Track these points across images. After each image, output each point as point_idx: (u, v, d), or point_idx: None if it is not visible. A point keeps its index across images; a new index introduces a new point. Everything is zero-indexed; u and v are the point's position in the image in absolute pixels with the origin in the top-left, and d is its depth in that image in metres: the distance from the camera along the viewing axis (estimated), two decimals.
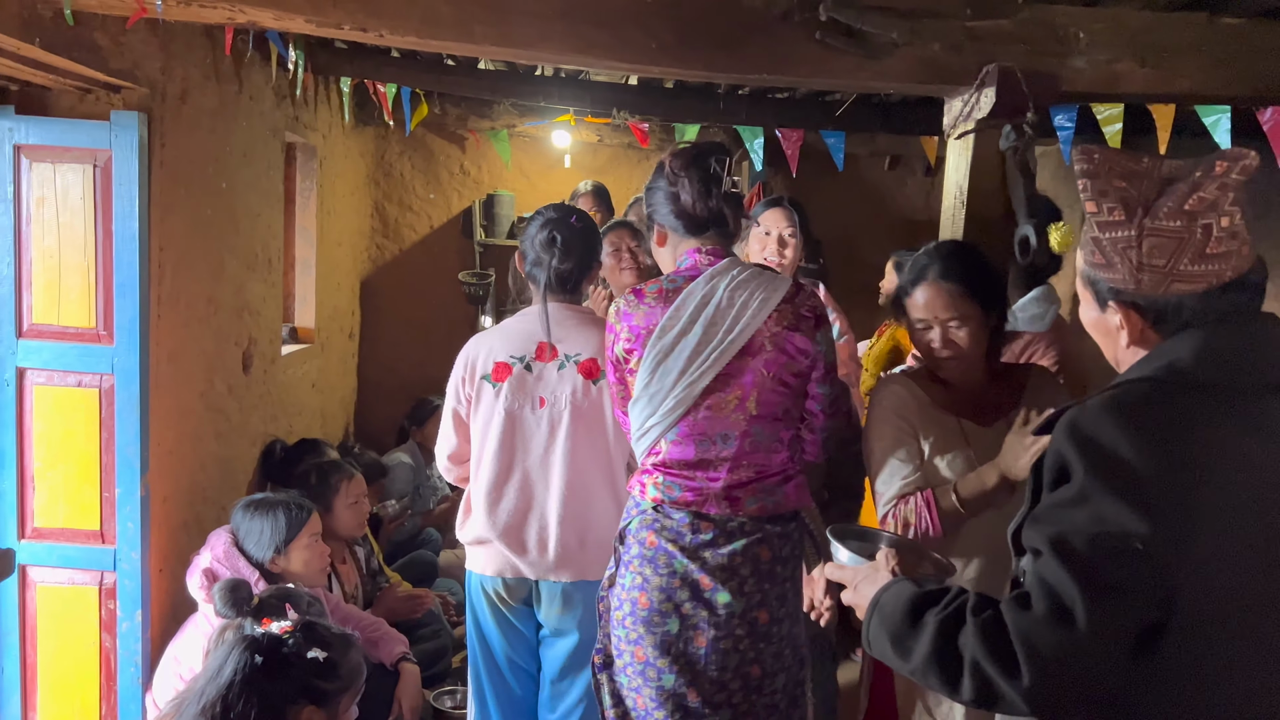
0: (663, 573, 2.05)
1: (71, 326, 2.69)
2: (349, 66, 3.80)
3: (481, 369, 2.47)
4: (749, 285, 2.01)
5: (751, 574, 2.03)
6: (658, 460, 2.09)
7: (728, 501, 2.04)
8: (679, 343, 2.02)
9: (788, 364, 2.02)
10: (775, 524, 2.07)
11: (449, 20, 2.10)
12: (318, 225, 4.48)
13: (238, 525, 2.83)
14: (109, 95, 2.67)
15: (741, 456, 2.04)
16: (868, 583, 1.41)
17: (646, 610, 2.06)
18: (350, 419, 5.38)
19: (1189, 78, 2.20)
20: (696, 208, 2.05)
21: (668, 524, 2.06)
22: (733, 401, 2.02)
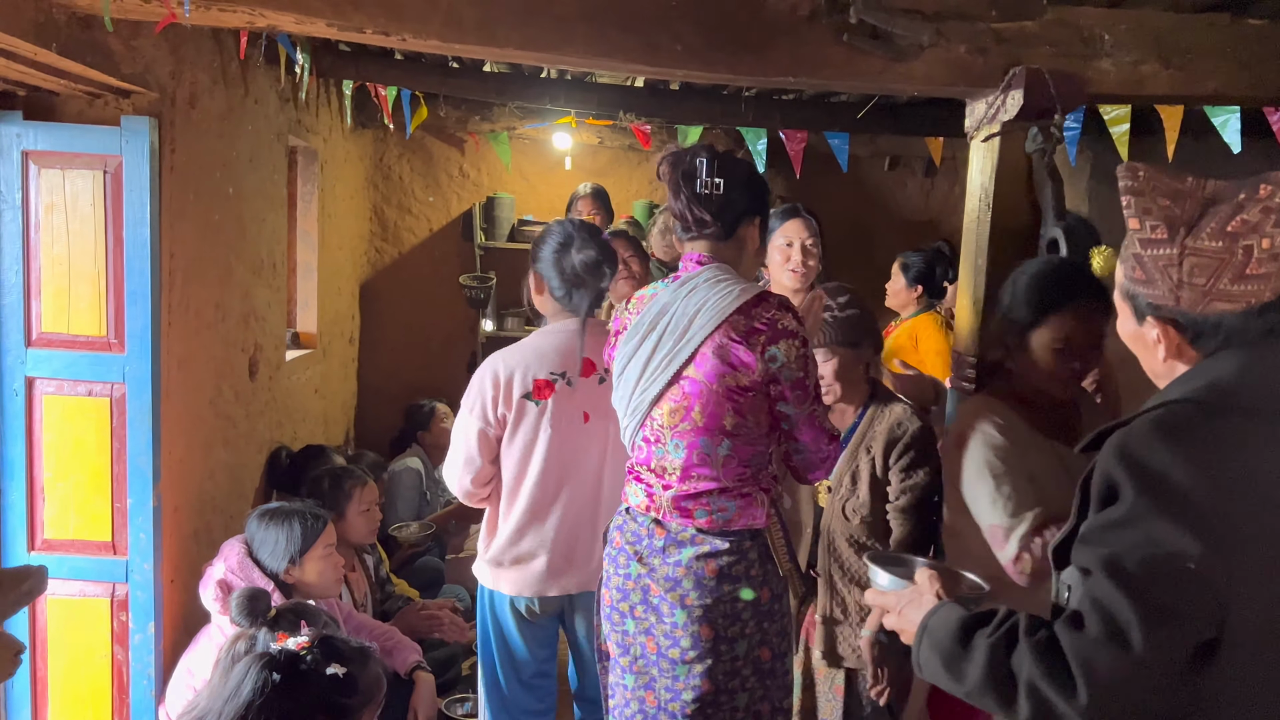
0: (621, 573, 2.09)
1: (82, 335, 2.65)
2: (353, 69, 3.78)
3: (520, 388, 2.41)
4: (703, 293, 1.96)
5: (694, 587, 1.98)
6: (632, 462, 2.12)
7: (678, 511, 2.02)
8: (639, 349, 2.03)
9: (731, 376, 1.93)
10: (724, 539, 1.99)
11: (472, 23, 2.07)
12: (319, 229, 4.44)
13: (252, 535, 2.79)
14: (118, 100, 2.63)
15: (691, 467, 1.99)
16: (912, 607, 1.41)
17: (609, 607, 2.12)
18: (351, 424, 5.34)
19: (1214, 79, 2.20)
20: (676, 209, 2.04)
21: (631, 527, 2.09)
22: (681, 411, 1.98)
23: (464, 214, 5.54)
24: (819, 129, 3.90)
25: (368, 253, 5.50)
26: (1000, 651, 1.21)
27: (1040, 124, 2.14)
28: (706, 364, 1.94)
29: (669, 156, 2.06)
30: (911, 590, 1.45)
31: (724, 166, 2.00)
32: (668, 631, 2.00)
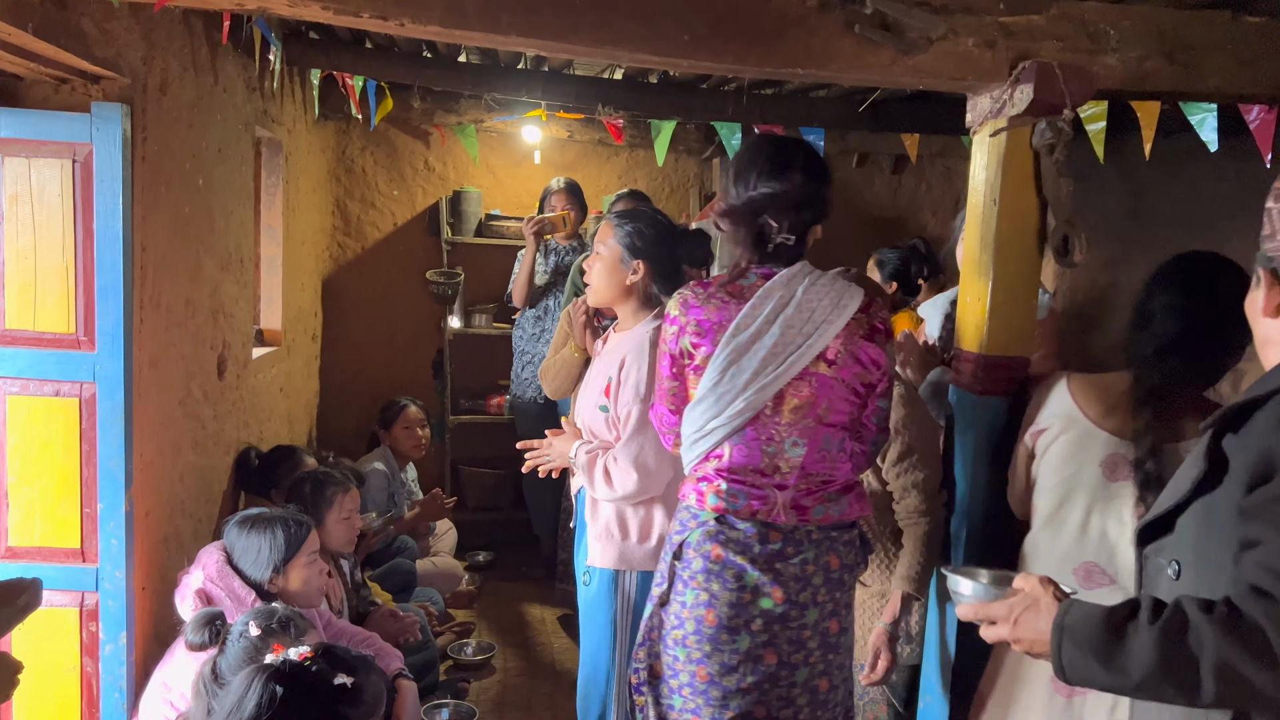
0: (732, 587, 1.98)
1: (49, 332, 2.52)
2: (323, 59, 3.67)
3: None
4: (827, 291, 1.97)
5: (824, 583, 2.01)
6: (720, 465, 2.01)
7: (795, 510, 1.98)
8: (755, 343, 1.95)
9: (861, 374, 2.00)
10: (839, 532, 2.04)
11: (474, 9, 2.00)
12: (283, 223, 4.31)
13: (232, 543, 2.68)
14: (87, 86, 2.50)
15: (810, 464, 1.99)
16: (1031, 613, 1.35)
17: (714, 628, 1.98)
18: (314, 423, 5.20)
19: (1217, 76, 2.21)
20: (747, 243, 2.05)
21: (734, 535, 1.98)
22: (805, 408, 1.96)
23: (430, 208, 5.43)
24: (798, 125, 3.87)
25: (330, 247, 5.36)
26: (1173, 636, 1.17)
27: (1049, 119, 2.13)
28: (839, 361, 1.97)
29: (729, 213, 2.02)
30: (1024, 597, 1.38)
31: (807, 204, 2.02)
32: (793, 636, 1.99)
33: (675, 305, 2.06)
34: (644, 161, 5.59)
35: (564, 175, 5.44)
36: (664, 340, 2.10)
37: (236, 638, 2.33)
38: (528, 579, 4.98)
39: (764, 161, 1.99)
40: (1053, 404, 2.07)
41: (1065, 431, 2.02)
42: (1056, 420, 2.03)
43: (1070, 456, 2.00)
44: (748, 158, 2.03)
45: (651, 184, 5.64)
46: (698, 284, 2.06)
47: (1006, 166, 2.22)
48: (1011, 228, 2.24)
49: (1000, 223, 2.23)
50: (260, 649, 2.32)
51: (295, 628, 2.41)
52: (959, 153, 5.36)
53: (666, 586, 2.06)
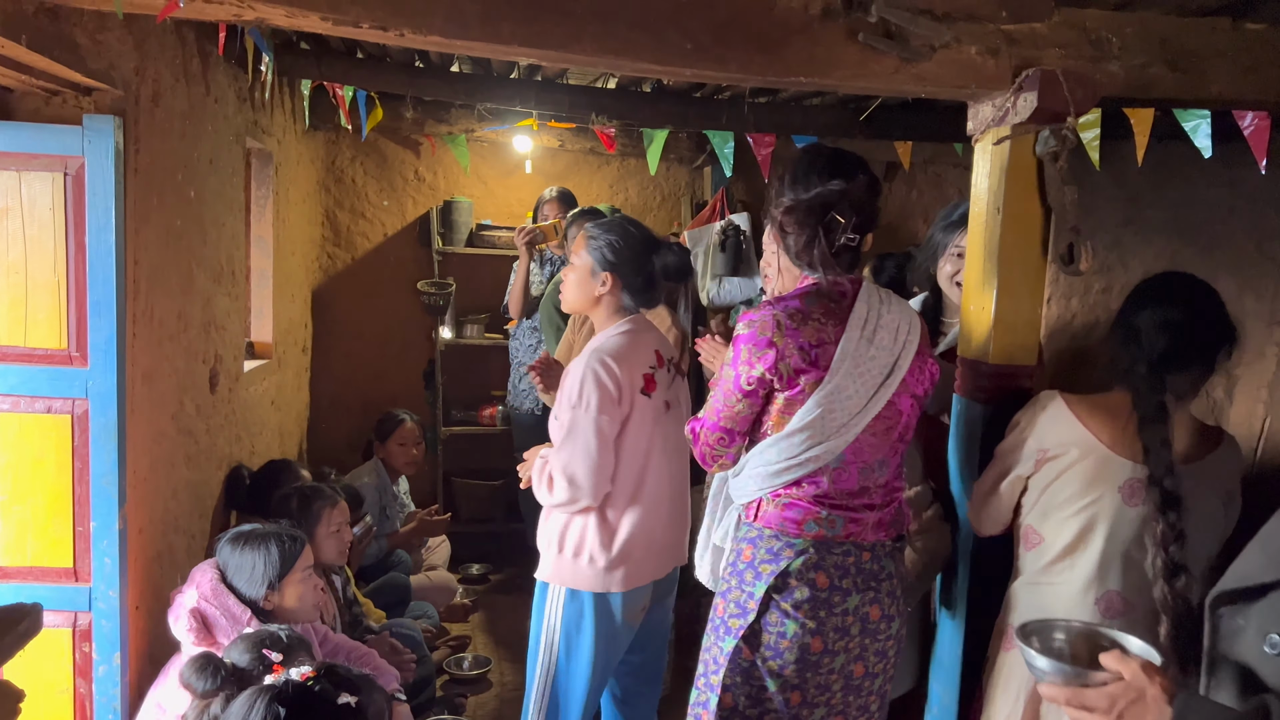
0: (837, 612, 1.97)
1: (40, 348, 2.48)
2: (315, 69, 3.64)
3: (634, 383, 2.52)
4: (898, 310, 2.01)
5: (902, 592, 2.08)
6: (819, 492, 1.96)
7: (881, 528, 2.01)
8: (859, 368, 1.92)
9: (928, 390, 2.07)
10: (900, 542, 2.11)
11: (476, 19, 1.98)
12: (273, 234, 4.27)
13: (225, 561, 2.64)
14: (78, 98, 2.47)
15: (891, 481, 2.04)
16: (1139, 708, 1.23)
17: (819, 654, 1.97)
18: (304, 436, 5.15)
19: (1219, 83, 2.21)
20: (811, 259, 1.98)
21: (833, 560, 1.98)
22: (893, 426, 1.98)
23: (420, 218, 5.40)
24: (792, 133, 3.87)
25: (320, 258, 5.32)
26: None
27: (1053, 126, 2.12)
28: (915, 377, 2.00)
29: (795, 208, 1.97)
30: (1125, 688, 1.26)
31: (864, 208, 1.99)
32: (880, 648, 2.04)
33: (766, 327, 1.95)
34: (635, 170, 5.57)
35: (555, 184, 5.43)
36: (740, 361, 1.98)
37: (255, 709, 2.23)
38: (523, 591, 4.93)
39: (825, 163, 1.99)
40: (1057, 428, 2.02)
41: (1083, 459, 1.96)
42: (1071, 447, 1.98)
43: (1090, 484, 1.95)
44: (806, 161, 2.02)
45: (643, 193, 5.62)
46: (779, 301, 1.98)
47: (1010, 174, 2.21)
48: (1015, 236, 2.23)
49: (1004, 231, 2.22)
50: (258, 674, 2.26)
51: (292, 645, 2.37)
52: (949, 159, 5.37)
53: (755, 619, 1.98)
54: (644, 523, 2.53)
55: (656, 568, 2.62)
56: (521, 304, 4.50)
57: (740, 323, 2.00)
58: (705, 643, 2.12)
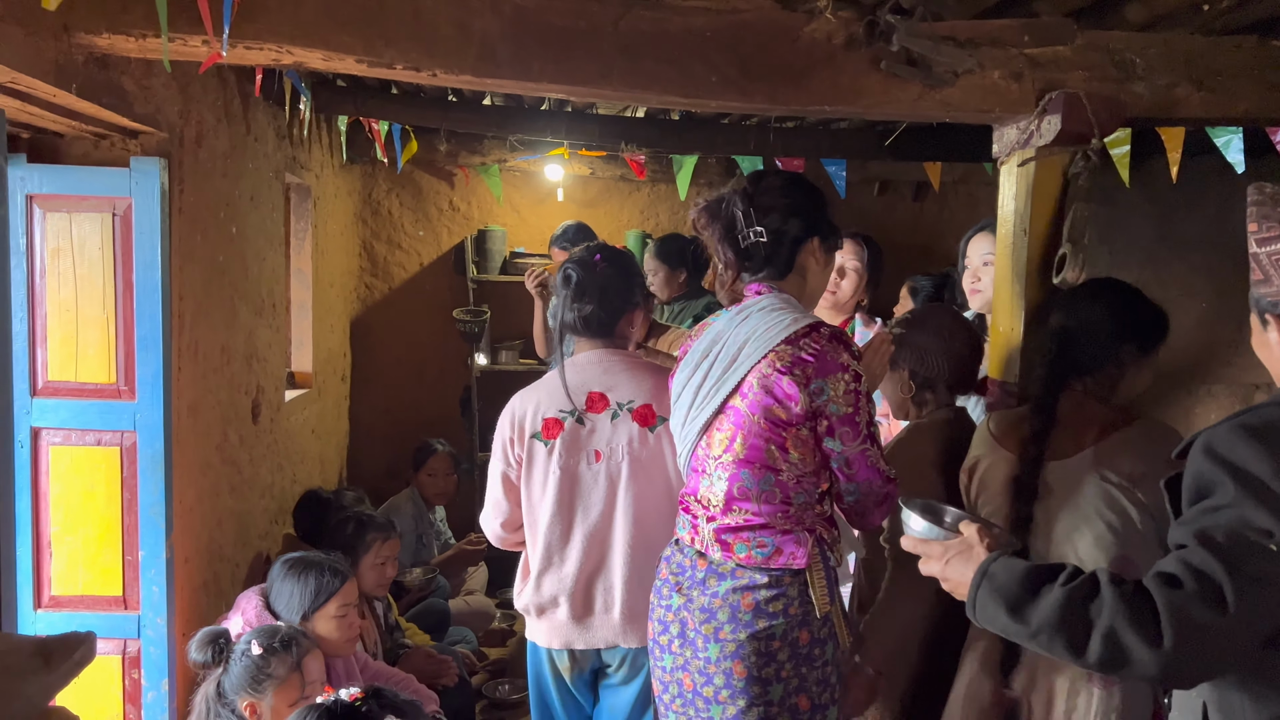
0: (663, 604, 2.06)
1: (90, 383, 2.56)
2: (351, 105, 3.73)
3: (530, 427, 2.33)
4: (754, 321, 1.94)
5: (728, 620, 1.92)
6: (683, 493, 2.10)
7: (719, 543, 1.98)
8: (690, 378, 2.02)
9: (772, 408, 1.88)
10: (763, 574, 1.93)
11: (506, 58, 2.03)
12: (312, 266, 4.36)
13: (272, 583, 2.72)
14: (125, 141, 2.56)
15: (731, 500, 1.95)
16: (961, 558, 1.50)
17: (651, 640, 2.09)
18: (344, 464, 5.23)
19: (1246, 100, 2.21)
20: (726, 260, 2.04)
21: (677, 559, 2.06)
22: (725, 441, 1.95)
23: (455, 247, 5.48)
24: (820, 156, 3.90)
25: (357, 289, 5.42)
26: (1078, 599, 1.30)
27: (1078, 148, 2.14)
28: (751, 394, 1.89)
29: (704, 210, 2.04)
30: (959, 542, 1.54)
31: (764, 206, 1.98)
32: (701, 667, 1.96)
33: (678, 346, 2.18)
34: (665, 196, 5.63)
35: (586, 211, 5.50)
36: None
37: (239, 656, 2.37)
38: None
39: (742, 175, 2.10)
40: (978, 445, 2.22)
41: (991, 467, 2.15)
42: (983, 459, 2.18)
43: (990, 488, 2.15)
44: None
45: (674, 218, 5.67)
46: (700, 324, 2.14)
47: (1035, 196, 2.22)
48: (1042, 256, 2.24)
49: (1031, 252, 2.23)
50: (263, 667, 2.35)
51: (298, 647, 2.43)
52: (981, 178, 5.37)
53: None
54: (558, 582, 2.34)
55: (596, 636, 2.36)
56: (546, 342, 4.47)
57: None
58: None
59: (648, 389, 2.32)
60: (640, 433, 2.30)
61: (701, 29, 2.10)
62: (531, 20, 2.06)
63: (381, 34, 1.99)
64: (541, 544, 2.35)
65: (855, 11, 2.09)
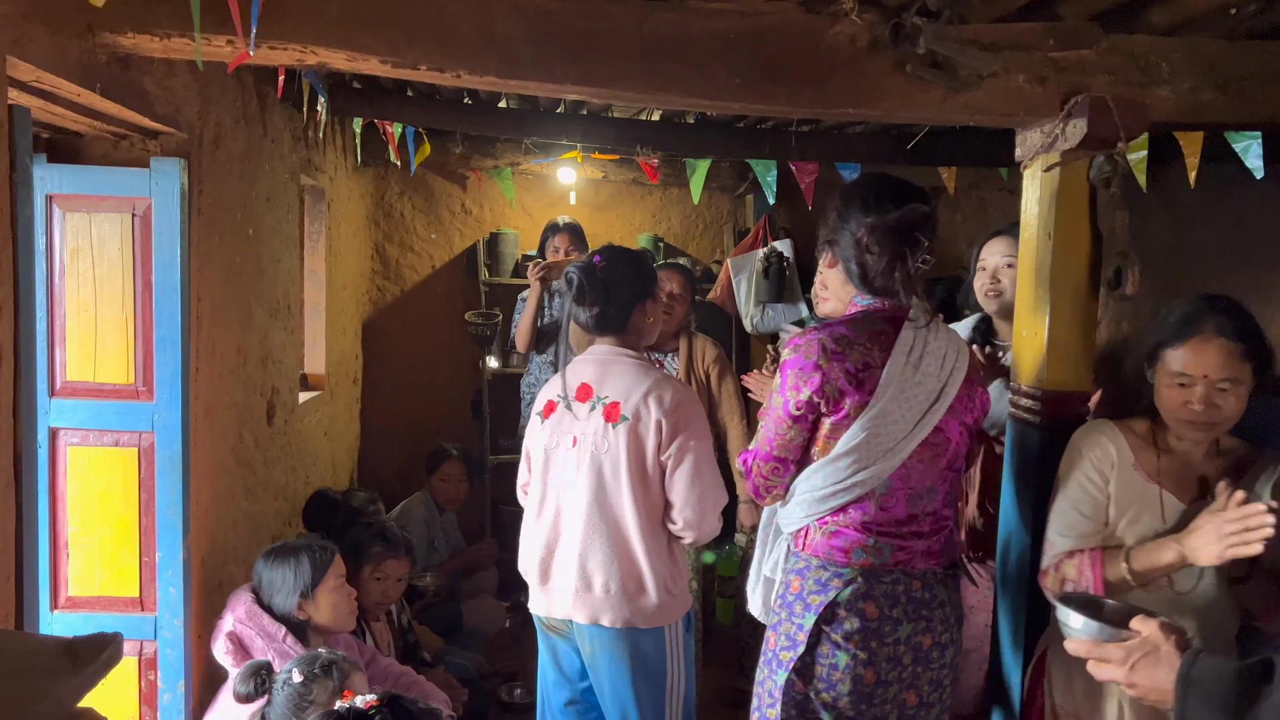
0: (888, 642, 1.97)
1: (108, 383, 2.56)
2: (367, 107, 3.73)
3: (538, 405, 2.60)
4: (947, 338, 2.02)
5: (956, 621, 2.06)
6: (866, 519, 1.97)
7: (931, 556, 2.01)
8: (906, 393, 1.94)
9: (978, 418, 2.07)
10: (954, 570, 2.10)
11: (529, 60, 2.03)
12: (326, 269, 4.37)
13: (259, 577, 2.72)
14: (145, 141, 2.56)
15: (941, 509, 2.04)
16: (1150, 662, 1.36)
17: (872, 684, 1.97)
18: (355, 466, 5.23)
19: (1271, 106, 2.20)
20: (876, 281, 2.00)
21: (882, 590, 1.97)
22: (940, 454, 1.99)
23: (467, 250, 5.48)
24: (835, 160, 3.89)
25: (370, 291, 5.42)
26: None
27: (1105, 153, 2.13)
28: (962, 405, 2.01)
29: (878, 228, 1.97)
30: (1142, 643, 1.39)
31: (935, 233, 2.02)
32: (934, 676, 2.04)
33: (811, 351, 1.96)
34: (678, 199, 5.62)
35: (598, 214, 5.50)
36: (788, 387, 1.99)
37: (281, 685, 2.34)
38: None
39: (894, 189, 2.00)
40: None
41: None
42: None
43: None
44: (875, 187, 2.00)
45: (685, 221, 5.67)
46: (826, 328, 2.00)
47: (1060, 200, 2.21)
48: (1066, 261, 2.22)
49: (1055, 257, 2.22)
50: (305, 694, 2.33)
51: (339, 671, 2.42)
52: (993, 184, 5.36)
53: (805, 651, 1.99)
54: (531, 549, 2.55)
55: (554, 604, 2.51)
56: (529, 338, 4.42)
57: (787, 349, 2.03)
58: (758, 676, 2.13)
59: (624, 388, 2.43)
60: (603, 427, 2.44)
61: (724, 31, 2.09)
62: (554, 22, 2.05)
63: (405, 35, 1.99)
64: (528, 514, 2.61)
65: (880, 14, 2.08)
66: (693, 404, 2.47)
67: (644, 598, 2.42)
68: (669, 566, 2.45)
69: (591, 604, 2.44)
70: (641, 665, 2.46)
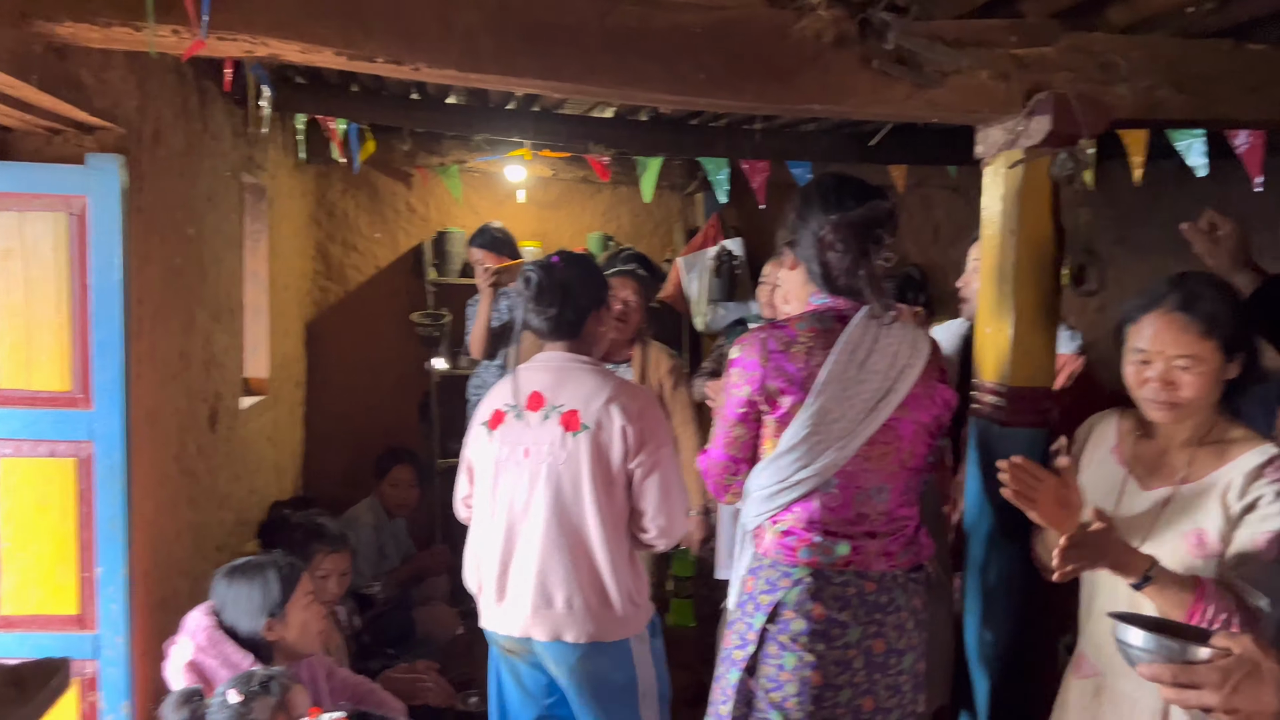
0: (837, 645, 1.95)
1: (44, 391, 2.43)
2: (311, 103, 3.63)
3: (483, 415, 2.50)
4: (901, 335, 1.98)
5: (914, 626, 2.02)
6: (811, 517, 1.96)
7: (885, 557, 1.98)
8: (848, 391, 1.92)
9: (937, 416, 2.04)
10: (920, 573, 2.06)
11: (490, 53, 1.97)
12: (268, 269, 4.24)
13: (221, 597, 2.56)
14: (80, 137, 2.44)
15: (895, 509, 2.00)
16: (1253, 681, 1.21)
17: (819, 687, 1.94)
18: (299, 472, 5.09)
19: (1224, 103, 2.23)
20: (840, 280, 1.99)
21: (832, 591, 1.95)
22: (890, 453, 1.96)
23: (413, 250, 5.37)
24: (788, 159, 3.88)
25: (312, 292, 5.28)
26: None
27: (1066, 149, 2.14)
28: (917, 403, 1.97)
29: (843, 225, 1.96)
30: (1239, 661, 1.23)
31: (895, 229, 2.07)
32: (891, 682, 1.99)
33: (752, 351, 1.99)
34: (627, 198, 5.58)
35: (547, 213, 5.43)
36: (732, 385, 2.03)
37: (217, 708, 2.22)
38: None
39: (855, 187, 2.02)
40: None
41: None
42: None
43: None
44: (835, 185, 2.02)
45: (635, 220, 5.63)
46: (773, 327, 2.01)
47: (1024, 197, 2.21)
48: (1030, 258, 2.23)
49: (1019, 254, 2.23)
50: (244, 714, 2.22)
51: (278, 685, 2.31)
52: (937, 181, 5.40)
53: (755, 650, 1.99)
54: (484, 566, 2.46)
55: (511, 623, 2.42)
56: (484, 344, 4.35)
57: (734, 347, 2.06)
58: (716, 672, 2.15)
59: (583, 395, 2.35)
60: (562, 436, 2.35)
61: (689, 25, 2.06)
62: (515, 14, 2.00)
63: (361, 26, 1.92)
64: (477, 528, 2.51)
65: (845, 10, 2.07)
66: (655, 407, 2.45)
67: (608, 611, 2.36)
68: (631, 577, 2.40)
69: (553, 620, 2.36)
70: (609, 679, 2.40)
